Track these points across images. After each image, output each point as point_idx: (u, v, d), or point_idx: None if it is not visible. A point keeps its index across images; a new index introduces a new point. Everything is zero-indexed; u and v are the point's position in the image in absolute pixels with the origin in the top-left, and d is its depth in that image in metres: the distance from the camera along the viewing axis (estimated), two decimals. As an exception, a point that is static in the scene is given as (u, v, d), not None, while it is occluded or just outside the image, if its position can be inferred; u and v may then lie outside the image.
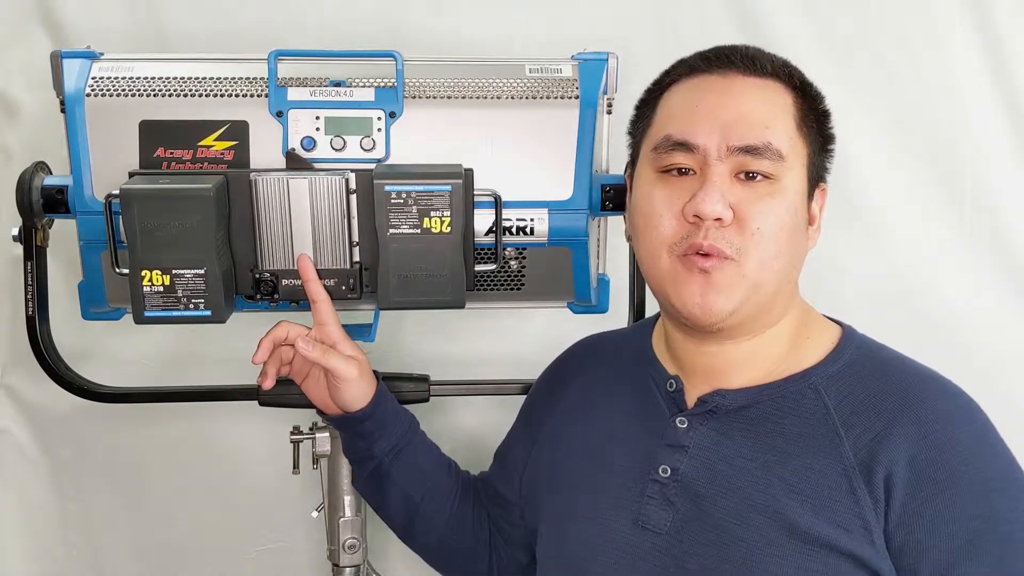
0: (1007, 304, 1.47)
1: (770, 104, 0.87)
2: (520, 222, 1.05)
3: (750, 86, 0.88)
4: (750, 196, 0.85)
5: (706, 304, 0.85)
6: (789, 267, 0.88)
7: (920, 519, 0.80)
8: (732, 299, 0.85)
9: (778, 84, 0.89)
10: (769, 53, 0.91)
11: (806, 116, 0.89)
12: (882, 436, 0.83)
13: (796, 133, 0.88)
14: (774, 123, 0.86)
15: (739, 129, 0.85)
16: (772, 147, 0.85)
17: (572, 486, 0.99)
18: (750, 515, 0.85)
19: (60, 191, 1.03)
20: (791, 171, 0.87)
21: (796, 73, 0.90)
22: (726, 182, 0.85)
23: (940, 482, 0.80)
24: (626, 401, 0.99)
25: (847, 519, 0.82)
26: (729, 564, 0.85)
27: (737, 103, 0.87)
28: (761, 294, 0.87)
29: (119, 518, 1.55)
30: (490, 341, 1.49)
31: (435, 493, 1.11)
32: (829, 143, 0.92)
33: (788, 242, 0.87)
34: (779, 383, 0.90)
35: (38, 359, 1.13)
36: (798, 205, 0.87)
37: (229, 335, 1.38)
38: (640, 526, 0.91)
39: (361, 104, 1.03)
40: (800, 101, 0.89)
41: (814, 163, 0.90)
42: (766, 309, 0.89)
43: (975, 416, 0.86)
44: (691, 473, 0.90)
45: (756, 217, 0.85)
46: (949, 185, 1.44)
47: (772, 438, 0.87)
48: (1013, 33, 1.39)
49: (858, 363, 0.89)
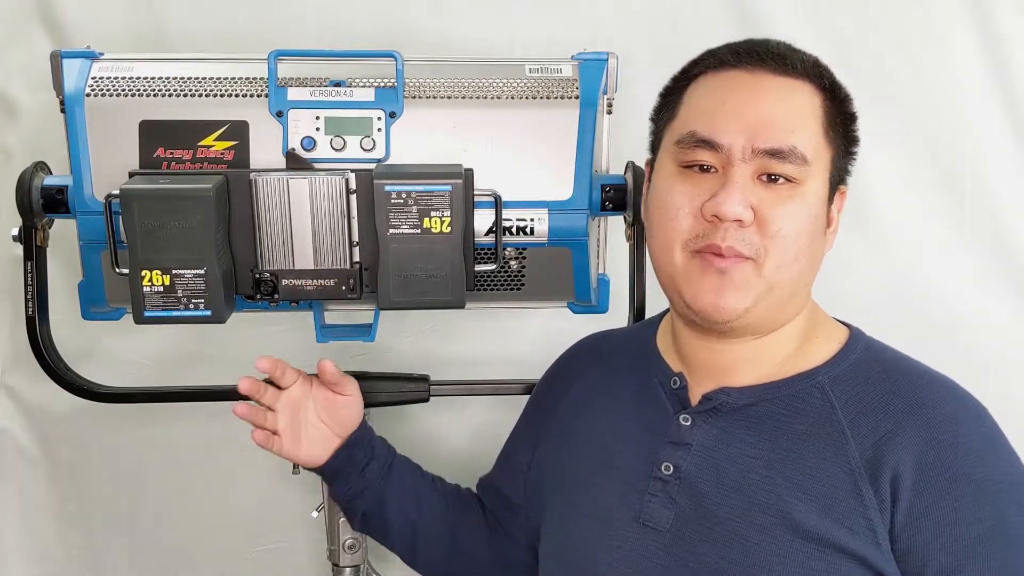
0: (1007, 304, 1.47)
1: (798, 106, 0.86)
2: (520, 222, 1.05)
3: (779, 86, 0.86)
4: (772, 199, 0.84)
5: (720, 302, 0.85)
6: (807, 270, 0.88)
7: (926, 521, 0.80)
8: (747, 298, 0.85)
9: (807, 85, 0.87)
10: (800, 51, 0.89)
11: (833, 119, 0.88)
12: (889, 437, 0.83)
13: (822, 137, 0.86)
14: (801, 127, 0.85)
15: (765, 131, 0.84)
16: (797, 151, 0.84)
17: (575, 484, 0.99)
18: (753, 513, 0.85)
19: (60, 191, 1.03)
20: (814, 175, 0.86)
21: (827, 74, 0.88)
22: (748, 183, 0.84)
23: (946, 485, 0.80)
24: (629, 398, 0.99)
25: (852, 520, 0.82)
26: (732, 562, 0.85)
27: (765, 104, 0.86)
28: (776, 295, 0.86)
29: (119, 518, 1.55)
30: (490, 341, 1.49)
31: (429, 508, 1.12)
32: (853, 145, 0.91)
33: (808, 246, 0.86)
34: (785, 382, 0.89)
35: (38, 359, 1.13)
36: (819, 209, 0.87)
37: (229, 335, 1.38)
38: (642, 524, 0.91)
39: (361, 104, 1.03)
40: (828, 103, 0.87)
41: (837, 166, 0.88)
42: (779, 310, 0.89)
43: (982, 419, 0.86)
44: (694, 471, 0.89)
45: (777, 220, 0.84)
46: (949, 185, 1.44)
47: (777, 437, 0.87)
48: (1013, 33, 1.39)
49: (865, 364, 0.89)
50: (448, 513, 1.13)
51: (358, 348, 1.38)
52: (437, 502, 1.13)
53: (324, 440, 1.07)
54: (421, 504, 1.11)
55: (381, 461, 1.10)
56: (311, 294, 1.02)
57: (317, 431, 1.07)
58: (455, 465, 1.50)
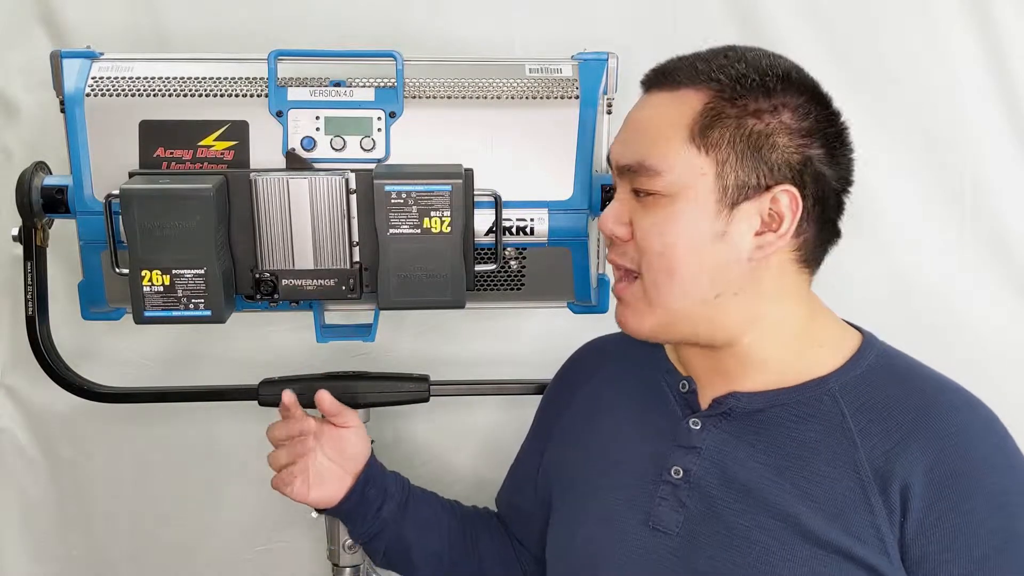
0: (1007, 304, 1.47)
1: (661, 118, 0.86)
2: (520, 222, 1.05)
3: (656, 102, 0.88)
4: (640, 213, 0.87)
5: (626, 324, 0.91)
6: (697, 280, 0.85)
7: (937, 532, 0.79)
8: (644, 318, 0.88)
9: (690, 91, 0.84)
10: (712, 57, 0.86)
11: (718, 118, 0.83)
12: (899, 447, 0.82)
13: (688, 143, 0.83)
14: (658, 138, 0.85)
15: (623, 148, 0.88)
16: (646, 163, 0.85)
17: (583, 486, 0.99)
18: (762, 518, 0.84)
19: (60, 191, 1.03)
20: (689, 184, 0.83)
21: (725, 72, 0.83)
22: (628, 200, 0.88)
23: (958, 495, 0.79)
24: (638, 402, 0.99)
25: (861, 528, 0.81)
26: (740, 566, 0.84)
27: (634, 122, 0.89)
28: (673, 312, 0.87)
29: (119, 518, 1.55)
30: (490, 341, 1.49)
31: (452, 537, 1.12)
32: (768, 140, 0.83)
33: (687, 257, 0.85)
34: (795, 388, 0.88)
35: (38, 359, 1.12)
36: (708, 216, 0.83)
37: (229, 335, 1.38)
38: (651, 527, 0.90)
39: (361, 104, 1.03)
40: (718, 104, 0.83)
41: (741, 167, 0.83)
42: (696, 323, 0.88)
43: (994, 428, 0.85)
44: (703, 475, 0.89)
45: (645, 235, 0.86)
46: (949, 185, 1.44)
47: (786, 443, 0.86)
48: (1013, 33, 1.39)
49: (877, 371, 0.88)
50: (472, 540, 1.13)
51: (358, 348, 1.38)
52: (459, 531, 1.13)
53: (337, 479, 1.07)
54: (443, 536, 1.11)
55: (396, 499, 1.10)
56: (311, 294, 1.02)
57: (328, 471, 1.07)
58: (455, 465, 1.50)
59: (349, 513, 1.08)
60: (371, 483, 1.08)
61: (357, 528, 1.10)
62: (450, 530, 1.12)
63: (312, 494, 1.06)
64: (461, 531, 1.13)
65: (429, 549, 1.10)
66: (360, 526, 1.09)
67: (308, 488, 1.06)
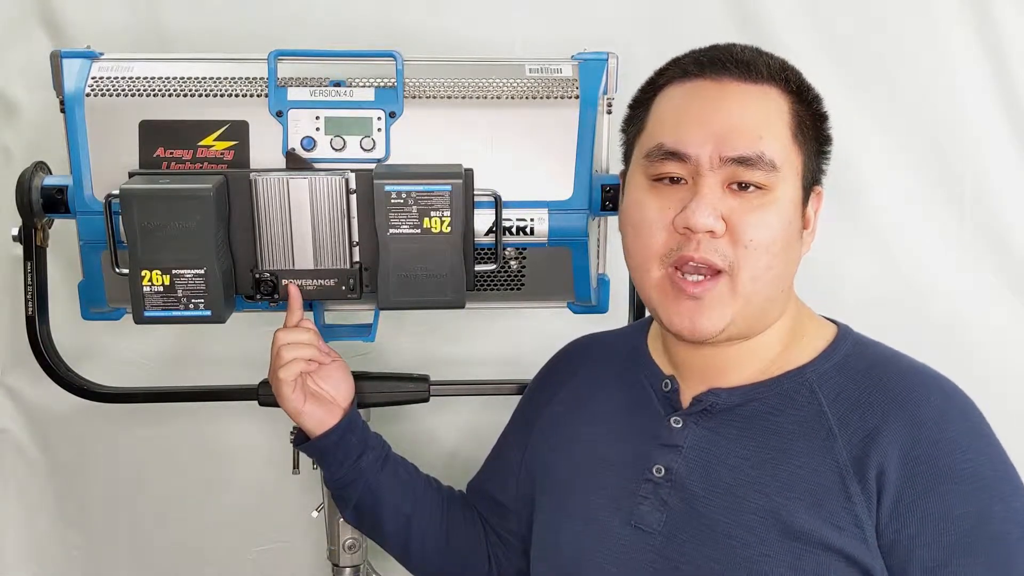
0: (1007, 304, 1.47)
1: (764, 112, 0.85)
2: (520, 222, 1.05)
3: (744, 93, 0.86)
4: (743, 207, 0.84)
5: (695, 326, 0.86)
6: (782, 276, 0.88)
7: (911, 516, 0.80)
8: (723, 318, 0.85)
9: (774, 89, 0.86)
10: (766, 54, 0.89)
11: (802, 121, 0.87)
12: (875, 433, 0.83)
13: (791, 141, 0.86)
14: (768, 132, 0.85)
15: (732, 139, 0.84)
16: (765, 158, 0.83)
17: (565, 486, 0.99)
18: (743, 515, 0.85)
19: (60, 191, 1.03)
20: (785, 180, 0.85)
21: (793, 76, 0.88)
22: (718, 193, 0.84)
23: (932, 479, 0.80)
24: (620, 401, 0.99)
25: (840, 517, 0.82)
26: (722, 564, 0.85)
27: (730, 112, 0.85)
28: (753, 306, 0.86)
29: (119, 518, 1.55)
30: (490, 341, 1.49)
31: (423, 504, 1.10)
32: (826, 145, 0.90)
33: (782, 252, 0.86)
34: (773, 380, 0.90)
35: (38, 359, 1.13)
36: (792, 213, 0.86)
37: (229, 335, 1.38)
38: (633, 526, 0.91)
39: (361, 104, 1.03)
40: (796, 106, 0.87)
41: (809, 168, 0.88)
42: (759, 318, 0.89)
43: (969, 413, 0.85)
44: (685, 473, 0.89)
45: (749, 229, 0.84)
46: (949, 185, 1.44)
47: (766, 436, 0.87)
48: (1013, 33, 1.40)
49: (852, 360, 0.89)
50: (443, 513, 1.12)
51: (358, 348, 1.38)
52: (432, 501, 1.12)
53: (327, 404, 1.05)
54: (416, 501, 1.10)
55: (376, 452, 1.08)
56: (311, 294, 1.02)
57: (319, 394, 1.05)
58: (455, 465, 1.51)
59: (329, 450, 1.06)
60: (353, 429, 1.06)
61: (334, 472, 1.07)
62: (424, 497, 1.11)
63: (306, 406, 1.03)
64: (434, 502, 1.12)
65: (400, 510, 1.09)
66: (337, 471, 1.06)
67: (304, 399, 1.03)
